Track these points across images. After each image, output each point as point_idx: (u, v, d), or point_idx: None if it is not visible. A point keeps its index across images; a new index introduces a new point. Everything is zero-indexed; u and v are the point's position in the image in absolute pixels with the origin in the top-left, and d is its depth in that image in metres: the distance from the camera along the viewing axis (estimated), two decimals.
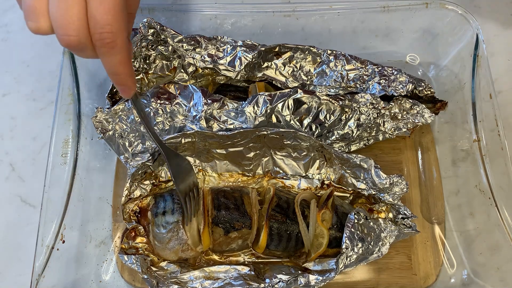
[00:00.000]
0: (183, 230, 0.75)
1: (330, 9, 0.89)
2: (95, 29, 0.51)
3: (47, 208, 0.76)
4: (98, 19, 0.51)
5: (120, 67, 0.55)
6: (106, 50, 0.53)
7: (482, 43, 0.84)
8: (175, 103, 0.79)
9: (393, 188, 0.76)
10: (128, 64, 0.56)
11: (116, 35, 0.52)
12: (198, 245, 0.77)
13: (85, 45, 0.52)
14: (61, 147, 0.81)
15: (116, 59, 0.54)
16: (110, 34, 0.51)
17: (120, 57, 0.54)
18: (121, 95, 0.61)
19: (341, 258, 0.71)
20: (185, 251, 0.76)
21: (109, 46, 0.52)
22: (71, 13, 0.50)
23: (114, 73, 0.56)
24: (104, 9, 0.50)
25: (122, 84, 0.58)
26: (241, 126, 0.79)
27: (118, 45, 0.52)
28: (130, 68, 0.57)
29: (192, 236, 0.76)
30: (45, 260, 0.74)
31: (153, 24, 0.80)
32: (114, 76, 0.57)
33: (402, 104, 0.81)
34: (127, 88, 0.59)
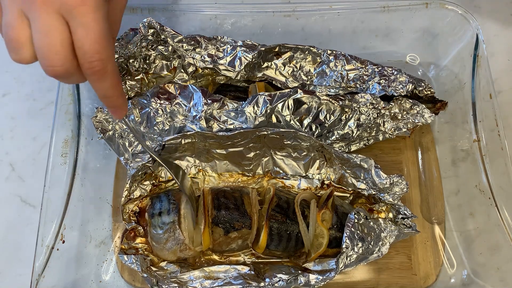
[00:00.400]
0: (179, 230, 0.75)
1: (330, 9, 0.89)
2: (84, 59, 0.52)
3: (47, 208, 0.76)
4: (86, 49, 0.51)
5: (110, 90, 0.56)
6: (97, 78, 0.54)
7: (482, 43, 0.84)
8: (175, 103, 0.79)
9: (393, 188, 0.76)
10: (118, 86, 0.57)
11: (106, 62, 0.53)
12: (198, 245, 0.77)
13: (71, 74, 0.53)
14: (61, 147, 0.81)
15: (107, 83, 0.55)
16: (100, 62, 0.52)
17: (111, 81, 0.55)
18: (113, 116, 0.62)
19: (341, 258, 0.71)
20: (183, 251, 0.76)
21: (99, 73, 0.53)
22: (55, 43, 0.50)
23: (105, 96, 0.57)
24: (91, 38, 0.51)
25: (114, 106, 0.60)
26: (241, 126, 0.79)
27: (108, 71, 0.54)
28: (121, 90, 0.58)
29: (192, 237, 0.76)
30: (45, 260, 0.74)
31: (153, 24, 0.80)
32: (105, 99, 0.58)
33: (402, 104, 0.81)
34: (118, 109, 0.60)
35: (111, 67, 0.54)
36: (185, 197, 0.77)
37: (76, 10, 0.50)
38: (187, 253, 0.76)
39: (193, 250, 0.76)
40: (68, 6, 0.50)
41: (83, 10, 0.50)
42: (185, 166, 0.85)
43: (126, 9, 0.86)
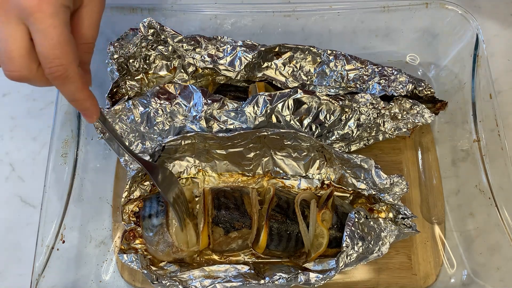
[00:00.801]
0: (167, 233, 0.75)
1: (330, 9, 0.89)
2: (44, 64, 0.53)
3: (47, 208, 0.76)
4: (45, 54, 0.52)
5: (77, 94, 0.57)
6: (59, 82, 0.55)
7: (482, 43, 0.84)
8: (175, 103, 0.79)
9: (393, 188, 0.76)
10: (85, 90, 0.58)
11: (67, 67, 0.54)
12: (192, 246, 0.76)
13: (29, 78, 0.55)
14: (61, 147, 0.81)
15: (72, 88, 0.56)
16: (61, 67, 0.53)
17: (75, 86, 0.56)
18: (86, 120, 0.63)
19: (341, 257, 0.71)
20: (176, 253, 0.75)
21: (61, 78, 0.54)
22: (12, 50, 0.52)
23: (72, 100, 0.58)
24: (50, 44, 0.52)
25: (83, 109, 0.61)
26: (241, 126, 0.79)
27: (70, 75, 0.54)
28: (87, 93, 0.59)
29: (183, 239, 0.76)
30: (45, 260, 0.74)
31: (153, 24, 0.80)
32: (74, 103, 0.59)
33: (402, 104, 0.81)
34: (89, 113, 0.61)
35: (73, 72, 0.55)
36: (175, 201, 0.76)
37: (34, 16, 0.51)
38: (180, 254, 0.76)
39: (186, 251, 0.76)
40: (27, 12, 0.51)
41: (40, 16, 0.51)
42: (185, 166, 0.85)
43: (126, 9, 0.87)
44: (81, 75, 0.57)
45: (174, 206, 0.75)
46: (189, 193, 0.82)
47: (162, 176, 0.75)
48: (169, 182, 0.76)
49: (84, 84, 0.58)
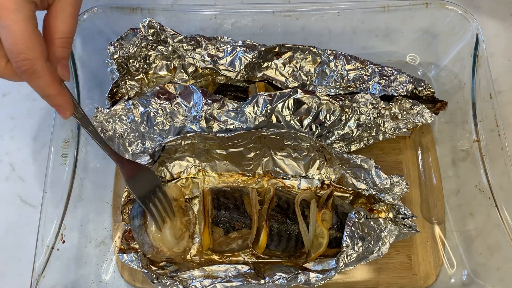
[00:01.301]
0: (146, 233, 0.74)
1: (330, 9, 0.89)
2: (11, 59, 0.54)
3: (47, 208, 0.76)
4: (10, 49, 0.54)
5: (47, 89, 0.58)
6: (27, 77, 0.56)
7: (482, 43, 0.84)
8: (175, 103, 0.79)
9: (393, 189, 0.76)
10: (54, 85, 0.58)
11: (33, 62, 0.55)
12: (174, 246, 0.75)
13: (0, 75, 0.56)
14: (61, 147, 0.81)
15: (40, 82, 0.57)
16: (26, 61, 0.54)
17: (43, 80, 0.57)
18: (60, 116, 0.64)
19: (341, 257, 0.71)
20: (159, 253, 0.75)
21: (28, 73, 0.55)
22: None
23: (43, 95, 0.59)
24: (13, 39, 0.53)
25: (55, 105, 0.61)
26: (241, 126, 0.79)
27: (37, 70, 0.55)
28: (58, 89, 0.59)
29: (161, 239, 0.75)
30: (45, 260, 0.74)
31: (153, 24, 0.80)
32: (45, 98, 0.60)
33: (402, 104, 0.81)
34: (62, 108, 0.62)
35: (41, 66, 0.55)
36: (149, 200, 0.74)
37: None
38: (163, 255, 0.75)
39: (169, 251, 0.75)
40: None
41: (3, 13, 0.52)
42: (185, 166, 0.85)
43: (126, 9, 0.87)
44: (50, 70, 0.57)
45: (147, 206, 0.73)
46: (177, 191, 0.80)
47: (137, 174, 0.73)
48: (145, 181, 0.74)
49: (54, 79, 0.58)
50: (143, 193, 0.73)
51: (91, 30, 0.87)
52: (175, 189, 0.80)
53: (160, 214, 0.74)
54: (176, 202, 0.79)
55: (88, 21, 0.86)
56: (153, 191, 0.74)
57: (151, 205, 0.73)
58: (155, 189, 0.75)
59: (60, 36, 0.60)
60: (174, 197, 0.79)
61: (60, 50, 0.60)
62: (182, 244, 0.76)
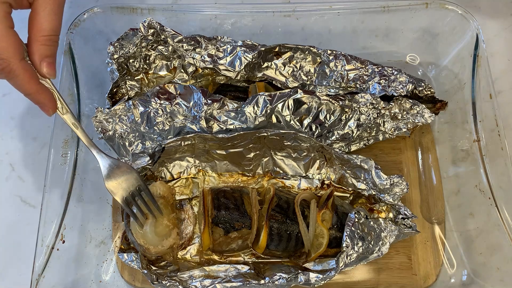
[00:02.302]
0: (130, 232, 0.75)
1: (330, 9, 0.89)
2: None
3: (47, 208, 0.76)
4: None
5: (26, 87, 0.59)
6: (4, 75, 0.57)
7: (482, 43, 0.84)
8: (175, 103, 0.79)
9: (393, 189, 0.76)
10: (33, 84, 0.59)
11: (8, 61, 0.56)
12: (158, 243, 0.75)
13: None
14: (61, 147, 0.81)
15: (18, 81, 0.58)
16: (1, 61, 0.55)
17: (21, 78, 0.58)
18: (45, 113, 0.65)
19: (341, 257, 0.71)
20: (145, 252, 0.75)
21: (4, 72, 0.56)
22: None
23: (24, 93, 0.60)
24: None
25: (37, 103, 0.63)
26: (241, 126, 0.79)
27: (13, 69, 0.56)
28: (36, 86, 0.60)
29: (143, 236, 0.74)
30: (45, 260, 0.74)
31: (153, 24, 0.80)
32: (27, 96, 0.61)
33: (402, 104, 0.81)
34: (44, 106, 0.63)
35: (16, 65, 0.56)
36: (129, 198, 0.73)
37: None
38: (150, 252, 0.75)
39: (154, 249, 0.75)
40: None
41: None
42: (185, 167, 0.85)
43: (126, 9, 0.87)
44: (26, 68, 0.58)
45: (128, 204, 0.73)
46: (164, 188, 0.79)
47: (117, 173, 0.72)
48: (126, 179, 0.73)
49: (32, 78, 0.59)
50: (124, 192, 0.73)
51: (91, 30, 0.87)
52: (161, 186, 0.79)
53: (142, 213, 0.74)
54: (163, 200, 0.78)
55: (88, 21, 0.86)
56: (136, 190, 0.73)
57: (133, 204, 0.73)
58: (137, 188, 0.74)
59: (43, 34, 0.60)
60: (161, 194, 0.78)
61: (44, 48, 0.60)
62: (168, 241, 0.76)
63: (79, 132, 0.70)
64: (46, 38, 0.60)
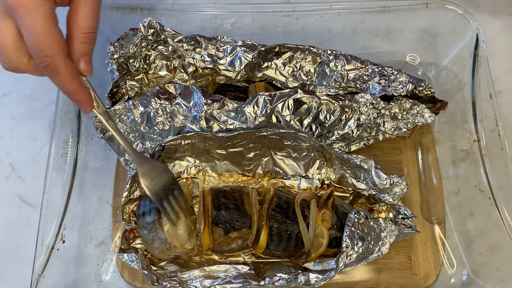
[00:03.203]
0: (160, 229, 0.74)
1: (330, 9, 0.89)
2: (33, 55, 0.56)
3: (47, 208, 0.76)
4: (31, 47, 0.55)
5: (68, 85, 0.59)
6: (48, 73, 0.57)
7: (482, 43, 0.84)
8: (175, 103, 0.79)
9: (393, 189, 0.76)
10: (74, 82, 0.60)
11: (53, 58, 0.56)
12: (185, 243, 0.76)
13: (22, 70, 0.58)
14: (61, 147, 0.81)
15: (61, 78, 0.58)
16: (47, 58, 0.55)
17: (64, 76, 0.58)
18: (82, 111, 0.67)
19: (341, 257, 0.71)
20: (170, 250, 0.75)
21: (49, 69, 0.56)
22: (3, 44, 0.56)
23: (64, 91, 0.61)
24: (33, 37, 0.54)
25: (76, 101, 0.63)
26: (241, 126, 0.79)
27: (57, 66, 0.56)
28: (78, 85, 0.60)
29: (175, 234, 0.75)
30: (45, 260, 0.74)
31: (153, 24, 0.80)
32: (67, 94, 0.61)
33: (402, 104, 0.81)
34: (83, 104, 0.63)
35: (61, 63, 0.56)
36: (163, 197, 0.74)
37: (17, 11, 0.54)
38: (174, 251, 0.76)
39: (180, 248, 0.76)
40: (11, 8, 0.54)
41: (22, 11, 0.53)
42: (185, 166, 0.85)
43: (126, 9, 0.87)
44: (70, 66, 0.58)
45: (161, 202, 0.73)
46: (186, 189, 0.81)
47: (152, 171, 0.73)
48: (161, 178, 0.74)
49: (74, 76, 0.59)
50: (157, 190, 0.73)
51: None
52: (184, 187, 0.81)
53: (175, 211, 0.75)
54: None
55: None
56: (168, 188, 0.74)
57: (165, 202, 0.74)
58: (170, 186, 0.75)
59: (82, 31, 0.60)
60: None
61: (82, 46, 0.60)
62: (192, 241, 0.77)
63: (114, 131, 0.70)
64: (86, 35, 0.60)
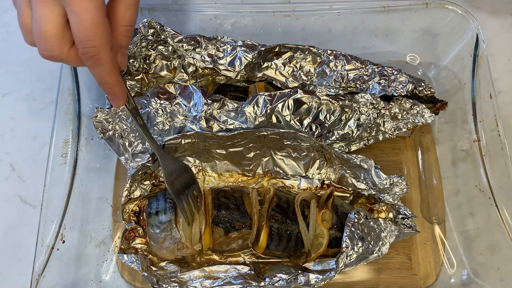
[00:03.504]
0: (176, 229, 0.75)
1: (330, 9, 0.89)
2: (78, 44, 0.55)
3: (47, 208, 0.76)
4: (79, 36, 0.54)
5: (107, 77, 0.59)
6: (91, 63, 0.56)
7: (482, 43, 0.84)
8: (175, 103, 0.79)
9: (393, 188, 0.76)
10: (114, 75, 0.59)
11: (99, 49, 0.55)
12: (196, 244, 0.76)
13: (61, 59, 0.57)
14: (61, 147, 0.81)
15: (102, 70, 0.58)
16: (93, 48, 0.55)
17: (105, 69, 0.57)
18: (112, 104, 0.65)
19: (341, 257, 0.71)
20: (180, 250, 0.76)
21: (93, 59, 0.56)
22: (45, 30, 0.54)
23: (102, 82, 0.60)
24: (83, 26, 0.53)
25: (111, 94, 0.62)
26: (241, 126, 0.79)
27: (101, 58, 0.56)
28: (117, 78, 0.60)
29: (189, 235, 0.76)
30: (45, 260, 0.74)
31: (153, 24, 0.81)
32: (103, 86, 0.61)
33: (402, 104, 0.81)
34: (116, 98, 0.63)
35: (106, 55, 0.56)
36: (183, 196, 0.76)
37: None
38: (185, 251, 0.76)
39: (191, 249, 0.76)
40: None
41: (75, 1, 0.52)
42: None
43: None
44: (113, 59, 0.58)
45: (180, 199, 0.75)
46: None
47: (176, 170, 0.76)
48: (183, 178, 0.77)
49: (115, 69, 0.59)
50: (179, 189, 0.76)
51: None
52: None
53: (191, 211, 0.76)
54: None
55: None
56: (188, 188, 0.77)
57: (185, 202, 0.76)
58: (190, 186, 0.77)
59: (124, 24, 0.60)
60: None
61: (122, 39, 0.60)
62: (201, 242, 0.77)
63: (141, 128, 0.70)
64: (126, 28, 0.60)
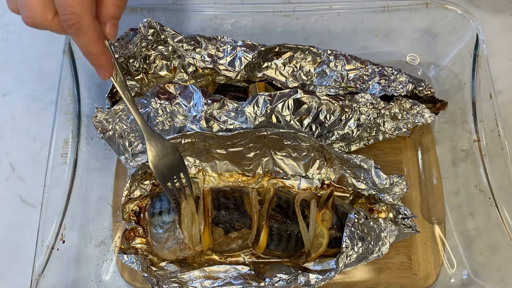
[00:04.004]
0: (179, 229, 0.75)
1: (330, 9, 0.89)
2: (59, 11, 0.54)
3: (47, 208, 0.76)
4: (60, 2, 0.53)
5: (91, 47, 0.58)
6: (72, 31, 0.55)
7: (482, 43, 0.84)
8: (175, 103, 0.79)
9: (393, 188, 0.76)
10: (98, 44, 0.58)
11: (80, 17, 0.54)
12: (197, 244, 0.77)
13: (45, 26, 0.56)
14: (61, 147, 0.81)
15: (84, 39, 0.57)
16: (74, 16, 0.54)
17: (88, 37, 0.56)
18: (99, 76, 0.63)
19: (341, 257, 0.71)
20: (183, 250, 0.76)
21: (74, 27, 0.55)
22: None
23: (86, 52, 0.59)
24: None
25: (96, 65, 0.61)
26: (241, 126, 0.79)
27: (83, 26, 0.55)
28: (102, 48, 0.59)
29: (191, 235, 0.76)
30: (45, 260, 0.74)
31: (153, 24, 0.80)
32: (88, 56, 0.60)
33: (402, 104, 0.81)
34: (102, 69, 0.62)
35: (87, 23, 0.55)
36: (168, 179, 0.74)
37: None
38: (187, 252, 0.76)
39: (193, 250, 0.76)
40: None
41: None
42: None
43: (126, 9, 0.86)
44: (96, 27, 0.57)
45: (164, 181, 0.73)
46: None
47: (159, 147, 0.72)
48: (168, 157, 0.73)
49: (99, 38, 0.58)
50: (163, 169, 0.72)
51: None
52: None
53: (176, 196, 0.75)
54: None
55: None
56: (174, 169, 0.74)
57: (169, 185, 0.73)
58: (176, 168, 0.74)
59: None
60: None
61: (113, 8, 0.59)
62: (201, 243, 0.77)
63: (128, 102, 0.68)
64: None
